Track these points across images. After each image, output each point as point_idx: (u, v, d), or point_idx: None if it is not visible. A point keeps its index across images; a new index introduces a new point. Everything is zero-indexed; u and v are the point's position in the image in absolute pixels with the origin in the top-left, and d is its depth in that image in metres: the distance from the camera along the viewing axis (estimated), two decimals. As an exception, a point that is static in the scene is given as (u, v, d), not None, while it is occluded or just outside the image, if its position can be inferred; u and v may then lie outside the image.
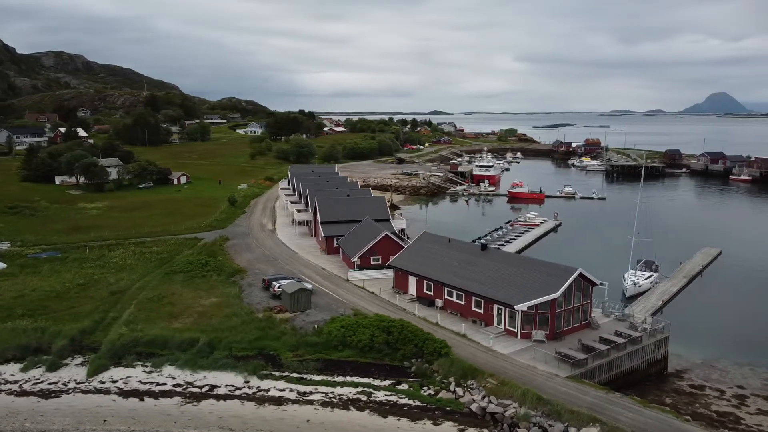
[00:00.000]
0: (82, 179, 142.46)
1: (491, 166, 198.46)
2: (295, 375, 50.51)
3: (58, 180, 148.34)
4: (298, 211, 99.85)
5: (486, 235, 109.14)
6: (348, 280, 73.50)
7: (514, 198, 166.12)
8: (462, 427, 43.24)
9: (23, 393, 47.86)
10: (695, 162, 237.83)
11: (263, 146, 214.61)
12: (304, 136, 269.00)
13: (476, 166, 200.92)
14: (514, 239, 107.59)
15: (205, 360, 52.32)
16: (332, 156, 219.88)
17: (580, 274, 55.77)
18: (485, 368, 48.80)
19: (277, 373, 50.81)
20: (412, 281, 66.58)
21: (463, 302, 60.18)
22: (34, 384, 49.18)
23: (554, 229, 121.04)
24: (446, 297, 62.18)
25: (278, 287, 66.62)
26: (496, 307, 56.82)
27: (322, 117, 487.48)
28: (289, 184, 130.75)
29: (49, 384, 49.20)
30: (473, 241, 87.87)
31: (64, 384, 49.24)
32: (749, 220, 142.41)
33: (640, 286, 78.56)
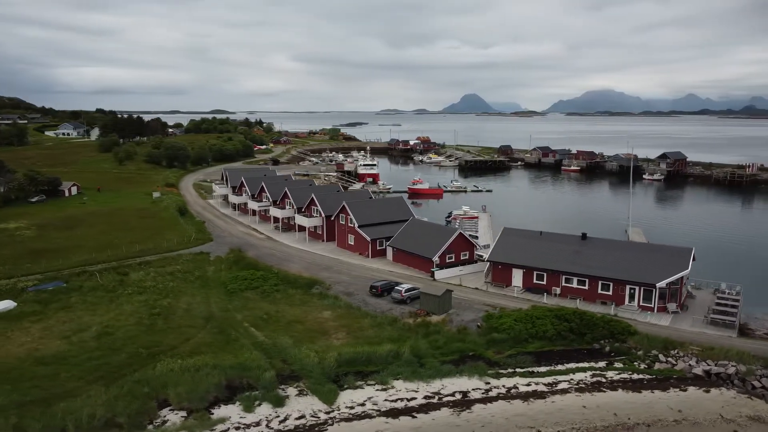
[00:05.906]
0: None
1: (375, 165, 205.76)
2: (520, 370, 52.33)
3: None
4: (307, 217, 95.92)
5: None
6: (435, 279, 74.83)
7: (414, 194, 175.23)
8: (705, 388, 49.84)
9: (285, 434, 42.56)
10: (529, 156, 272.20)
11: (129, 150, 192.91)
12: (145, 138, 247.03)
13: (361, 165, 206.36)
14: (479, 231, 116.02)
15: (424, 370, 51.28)
16: (203, 158, 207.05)
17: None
18: (676, 339, 56.10)
19: (502, 371, 52.06)
20: (517, 273, 70.89)
21: (586, 287, 66.57)
22: (282, 422, 43.71)
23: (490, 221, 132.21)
24: (564, 284, 67.94)
25: (405, 292, 65.98)
26: (627, 287, 64.35)
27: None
28: (238, 190, 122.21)
29: (297, 419, 44.17)
30: None
31: (313, 416, 44.64)
32: (619, 202, 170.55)
33: None
